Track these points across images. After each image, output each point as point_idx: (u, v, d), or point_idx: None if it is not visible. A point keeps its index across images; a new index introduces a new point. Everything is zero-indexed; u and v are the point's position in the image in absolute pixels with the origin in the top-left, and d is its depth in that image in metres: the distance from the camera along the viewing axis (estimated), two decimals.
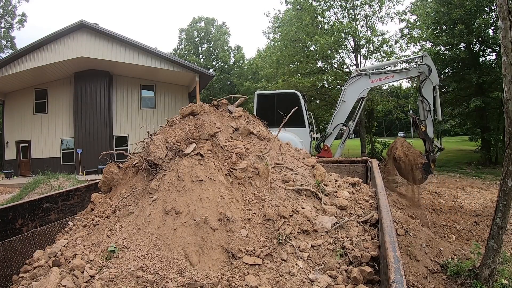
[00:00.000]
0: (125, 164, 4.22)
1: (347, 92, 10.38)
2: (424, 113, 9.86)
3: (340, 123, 10.45)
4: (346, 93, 10.40)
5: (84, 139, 20.63)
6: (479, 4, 16.47)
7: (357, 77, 10.30)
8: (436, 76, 9.95)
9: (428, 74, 9.75)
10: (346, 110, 10.41)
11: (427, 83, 9.80)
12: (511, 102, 4.34)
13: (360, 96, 10.35)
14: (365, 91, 10.33)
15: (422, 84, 9.83)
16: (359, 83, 10.28)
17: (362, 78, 10.24)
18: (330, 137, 10.59)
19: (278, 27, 23.38)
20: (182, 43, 49.09)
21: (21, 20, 34.64)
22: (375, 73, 10.32)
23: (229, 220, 3.17)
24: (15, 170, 20.64)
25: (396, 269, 1.95)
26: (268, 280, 2.80)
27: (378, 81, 10.39)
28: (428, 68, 9.82)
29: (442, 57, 18.64)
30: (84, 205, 4.43)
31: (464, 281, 4.56)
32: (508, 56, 4.28)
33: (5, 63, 17.99)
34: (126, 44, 19.13)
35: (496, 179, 13.28)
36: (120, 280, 2.67)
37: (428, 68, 9.81)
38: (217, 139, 3.95)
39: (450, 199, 10.09)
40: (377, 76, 10.27)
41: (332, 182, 4.29)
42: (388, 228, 2.59)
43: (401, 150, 8.95)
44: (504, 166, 4.49)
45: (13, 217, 3.75)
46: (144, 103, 22.75)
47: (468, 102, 18.02)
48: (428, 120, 9.78)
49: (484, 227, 7.41)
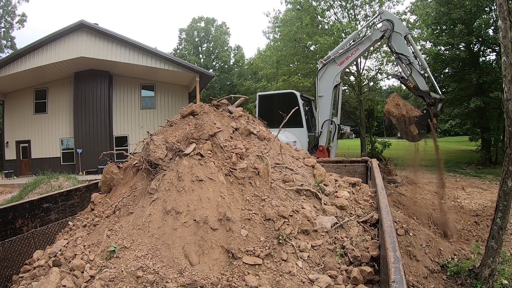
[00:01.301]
0: (125, 164, 4.22)
1: (321, 86, 10.05)
2: (406, 68, 8.68)
3: (326, 120, 10.11)
4: (320, 87, 10.06)
5: (84, 139, 20.64)
6: (479, 4, 16.47)
7: (324, 68, 9.97)
8: (401, 25, 9.01)
9: (392, 28, 8.75)
10: (327, 104, 9.99)
11: (395, 36, 8.76)
12: (511, 102, 4.34)
13: (335, 84, 9.89)
14: (337, 76, 9.85)
15: (390, 39, 8.82)
16: (328, 72, 9.93)
17: (329, 66, 9.89)
18: (322, 137, 10.26)
19: (278, 27, 23.39)
20: (182, 43, 49.12)
21: (21, 20, 34.66)
22: (339, 55, 9.83)
23: (229, 220, 3.17)
24: (15, 170, 20.65)
25: (396, 269, 1.95)
26: (268, 280, 2.80)
27: (346, 61, 9.79)
28: (389, 22, 8.83)
29: (442, 57, 18.65)
30: (84, 205, 4.43)
31: (464, 281, 4.56)
32: (508, 56, 4.28)
33: (5, 63, 18.01)
34: (126, 44, 19.14)
35: (496, 179, 13.28)
36: (120, 280, 2.67)
37: (390, 23, 8.82)
38: (217, 139, 3.95)
39: (450, 199, 10.09)
40: (342, 57, 9.76)
41: (332, 182, 4.29)
42: (388, 228, 2.59)
43: (391, 104, 8.21)
44: (504, 166, 4.49)
45: (13, 217, 3.75)
46: (144, 103, 22.76)
47: (468, 102, 18.03)
48: (414, 73, 8.58)
49: (484, 227, 7.41)
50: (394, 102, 8.23)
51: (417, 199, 9.14)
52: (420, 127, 8.14)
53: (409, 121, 8.04)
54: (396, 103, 8.19)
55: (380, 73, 21.39)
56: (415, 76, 8.58)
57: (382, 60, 20.70)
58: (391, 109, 8.14)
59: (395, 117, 8.07)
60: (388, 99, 8.62)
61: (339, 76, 9.89)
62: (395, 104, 8.17)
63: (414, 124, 8.09)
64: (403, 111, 8.09)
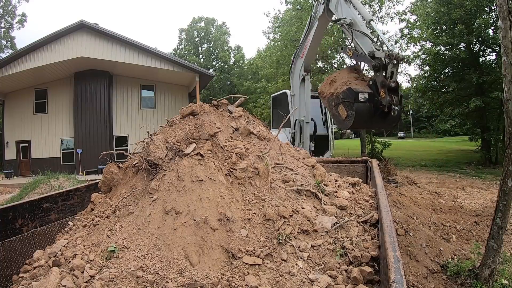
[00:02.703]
0: (125, 164, 4.22)
1: (293, 84, 9.65)
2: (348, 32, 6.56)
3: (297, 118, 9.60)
4: (292, 85, 9.71)
5: (84, 139, 20.63)
6: (479, 4, 16.46)
7: (292, 65, 9.67)
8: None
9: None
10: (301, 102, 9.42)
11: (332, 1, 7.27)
12: (511, 102, 4.34)
13: (301, 78, 9.40)
14: (302, 68, 9.36)
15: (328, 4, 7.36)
16: (295, 67, 9.61)
17: (295, 61, 9.57)
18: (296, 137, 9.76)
19: (278, 27, 23.42)
20: (182, 43, 49.16)
21: (21, 20, 34.69)
22: (299, 47, 9.43)
23: (229, 220, 3.16)
24: (15, 170, 20.64)
25: (396, 269, 1.95)
26: (268, 280, 2.80)
27: (305, 50, 9.05)
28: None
29: (442, 57, 18.64)
30: (84, 205, 4.43)
31: (464, 281, 4.56)
32: (508, 56, 4.27)
33: (5, 63, 17.99)
34: (126, 44, 19.13)
35: (496, 179, 13.27)
36: (120, 280, 2.67)
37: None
38: (217, 139, 3.95)
39: (450, 199, 10.08)
40: (302, 48, 9.21)
41: (332, 182, 4.29)
42: (388, 228, 2.59)
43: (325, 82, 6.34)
44: (504, 166, 4.49)
45: (13, 217, 3.75)
46: (144, 103, 22.76)
47: (468, 102, 18.01)
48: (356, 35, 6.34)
49: (484, 227, 7.40)
50: (330, 79, 6.25)
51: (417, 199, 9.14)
52: (348, 107, 5.60)
53: (337, 100, 5.80)
54: (331, 80, 6.16)
55: None
56: (358, 38, 6.33)
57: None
58: (322, 88, 6.29)
59: (325, 98, 6.14)
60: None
61: (303, 68, 9.34)
62: (330, 81, 6.17)
63: (341, 103, 5.70)
64: (332, 89, 5.97)
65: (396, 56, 5.40)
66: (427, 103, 23.07)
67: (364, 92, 5.44)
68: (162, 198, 3.28)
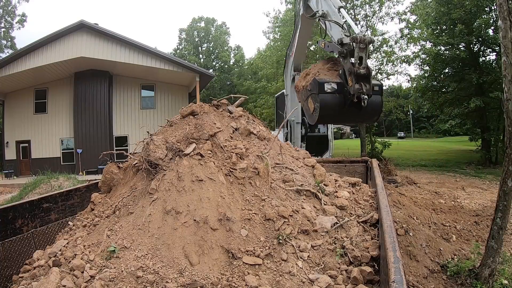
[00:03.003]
0: (125, 164, 4.22)
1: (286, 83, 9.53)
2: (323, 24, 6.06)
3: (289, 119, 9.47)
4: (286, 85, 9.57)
5: (84, 139, 20.64)
6: (479, 4, 16.48)
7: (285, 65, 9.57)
8: None
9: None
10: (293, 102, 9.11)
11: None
12: (511, 102, 4.34)
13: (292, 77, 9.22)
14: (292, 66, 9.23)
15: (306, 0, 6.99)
16: (287, 66, 9.53)
17: (287, 61, 9.46)
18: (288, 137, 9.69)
19: (278, 27, 23.43)
20: (182, 43, 49.18)
21: (21, 20, 34.68)
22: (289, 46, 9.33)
23: (229, 220, 3.16)
24: (15, 170, 20.64)
25: (396, 269, 1.95)
26: (268, 280, 2.80)
27: (294, 48, 8.89)
28: None
29: (442, 57, 18.66)
30: (84, 205, 4.43)
31: (464, 281, 4.56)
32: (508, 56, 4.28)
33: (5, 63, 18.00)
34: (126, 44, 19.14)
35: (496, 179, 13.27)
36: (120, 280, 2.67)
37: None
38: (217, 139, 3.95)
39: (450, 199, 10.08)
40: (292, 47, 9.01)
41: (332, 182, 4.29)
42: (388, 228, 2.59)
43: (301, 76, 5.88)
44: (504, 166, 4.49)
45: (13, 217, 3.75)
46: (144, 103, 22.77)
47: (468, 102, 18.02)
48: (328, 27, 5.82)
49: (484, 227, 7.40)
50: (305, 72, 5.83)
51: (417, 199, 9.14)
52: (314, 99, 5.15)
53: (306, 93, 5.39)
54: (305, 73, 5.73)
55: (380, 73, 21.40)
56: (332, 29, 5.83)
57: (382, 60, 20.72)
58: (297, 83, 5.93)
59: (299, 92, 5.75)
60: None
61: (292, 66, 9.22)
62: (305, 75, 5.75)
63: (310, 96, 5.27)
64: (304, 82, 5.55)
65: (362, 39, 4.85)
66: (427, 103, 23.08)
67: (331, 82, 5.00)
68: (162, 198, 3.28)
